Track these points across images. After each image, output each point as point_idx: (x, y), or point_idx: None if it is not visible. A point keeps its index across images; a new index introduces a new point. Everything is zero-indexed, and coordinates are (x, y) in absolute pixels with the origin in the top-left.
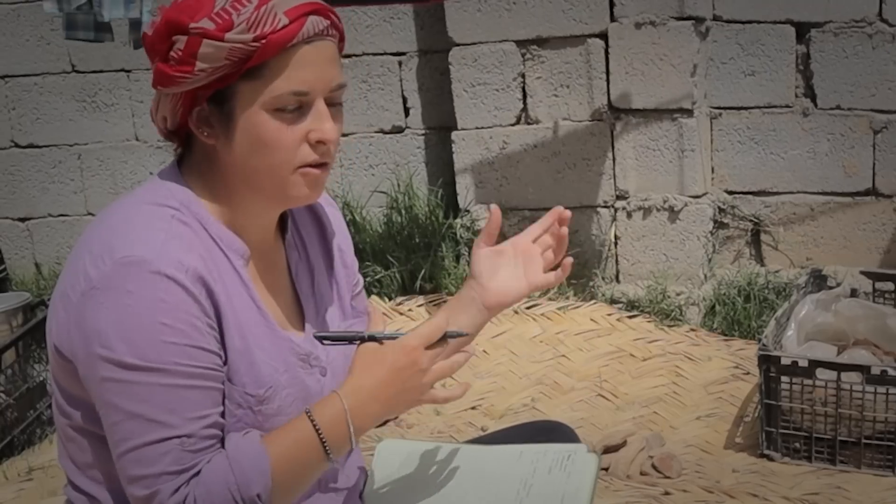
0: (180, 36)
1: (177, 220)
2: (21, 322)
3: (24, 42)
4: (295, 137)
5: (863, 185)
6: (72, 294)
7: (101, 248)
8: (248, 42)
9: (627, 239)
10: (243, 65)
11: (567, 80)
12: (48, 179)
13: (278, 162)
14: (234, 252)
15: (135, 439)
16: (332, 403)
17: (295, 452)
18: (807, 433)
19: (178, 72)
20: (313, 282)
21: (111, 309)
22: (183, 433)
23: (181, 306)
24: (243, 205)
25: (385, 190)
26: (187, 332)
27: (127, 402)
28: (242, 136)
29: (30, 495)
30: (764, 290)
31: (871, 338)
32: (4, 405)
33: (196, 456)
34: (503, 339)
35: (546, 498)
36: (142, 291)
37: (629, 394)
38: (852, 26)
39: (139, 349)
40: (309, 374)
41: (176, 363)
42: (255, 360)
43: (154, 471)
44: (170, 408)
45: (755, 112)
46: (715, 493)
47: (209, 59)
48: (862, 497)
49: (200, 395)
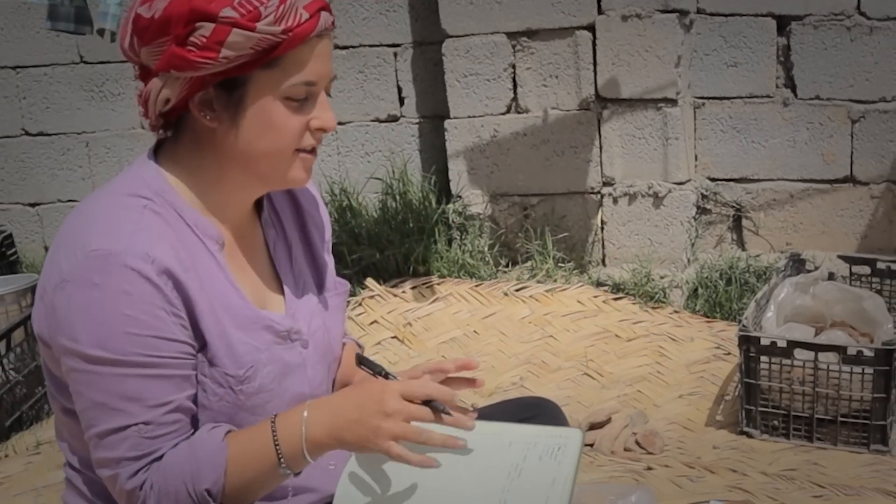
0: (206, 23)
1: (149, 210)
2: (30, 302)
3: (34, 34)
4: (300, 124)
5: (841, 173)
6: (47, 286)
7: (73, 242)
8: (276, 34)
9: (613, 224)
10: (266, 55)
11: (556, 71)
12: (57, 166)
13: (281, 147)
14: (209, 238)
15: (98, 426)
16: (296, 412)
17: (251, 455)
18: (785, 411)
19: (201, 57)
20: (291, 258)
21: (78, 301)
22: (141, 420)
23: (145, 297)
24: (229, 187)
25: (380, 176)
26: (150, 322)
27: (91, 391)
28: (251, 121)
29: (37, 468)
30: (745, 274)
31: (847, 320)
32: (14, 382)
33: (155, 442)
34: (493, 320)
35: (536, 481)
36: (107, 284)
37: (614, 373)
38: (831, 19)
39: (102, 341)
40: (288, 349)
41: (138, 353)
42: (233, 341)
43: (115, 455)
44: (130, 397)
45: (737, 102)
46: (696, 468)
47: (235, 47)
48: (838, 473)
49: (162, 384)
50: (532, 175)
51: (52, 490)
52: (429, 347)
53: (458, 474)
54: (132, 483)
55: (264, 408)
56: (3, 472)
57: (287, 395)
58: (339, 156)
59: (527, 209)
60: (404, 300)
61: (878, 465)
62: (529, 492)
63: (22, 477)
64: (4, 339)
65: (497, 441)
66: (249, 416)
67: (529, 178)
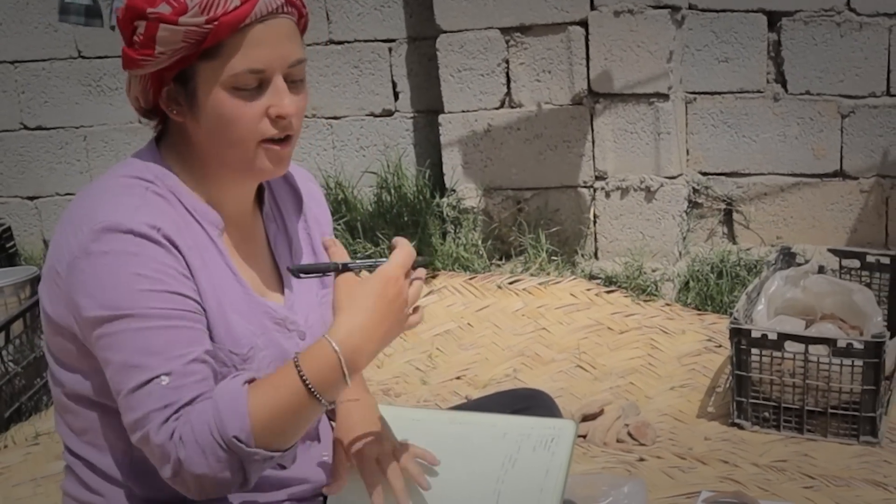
0: (140, 21)
1: (151, 191)
2: (29, 294)
3: (32, 29)
4: (255, 113)
5: (831, 167)
6: (59, 268)
7: (79, 219)
8: (201, 24)
9: (606, 217)
10: (199, 46)
11: (549, 66)
12: (55, 160)
13: (240, 137)
14: (208, 222)
15: (124, 387)
16: (322, 349)
17: (278, 399)
18: (776, 403)
19: (141, 55)
20: (291, 252)
21: (90, 273)
22: (162, 371)
23: (155, 257)
24: (216, 178)
25: (375, 170)
26: (161, 279)
27: (112, 352)
28: (206, 113)
29: (36, 459)
30: (736, 267)
31: (837, 312)
32: (13, 373)
33: (178, 392)
34: (487, 313)
35: (530, 471)
36: (115, 249)
37: (606, 365)
38: (822, 15)
39: (115, 301)
40: (287, 337)
41: (150, 307)
42: (231, 322)
43: (142, 413)
44: (149, 351)
45: (728, 97)
46: (687, 459)
47: (166, 42)
48: (828, 464)
49: (179, 335)
50: (525, 169)
51: (51, 480)
52: (423, 339)
53: (454, 465)
54: (161, 436)
55: None
56: (2, 463)
57: None
58: (335, 150)
59: (520, 203)
60: None
61: (868, 457)
62: (523, 482)
63: (21, 467)
64: (3, 330)
65: (492, 432)
66: None
67: (523, 172)
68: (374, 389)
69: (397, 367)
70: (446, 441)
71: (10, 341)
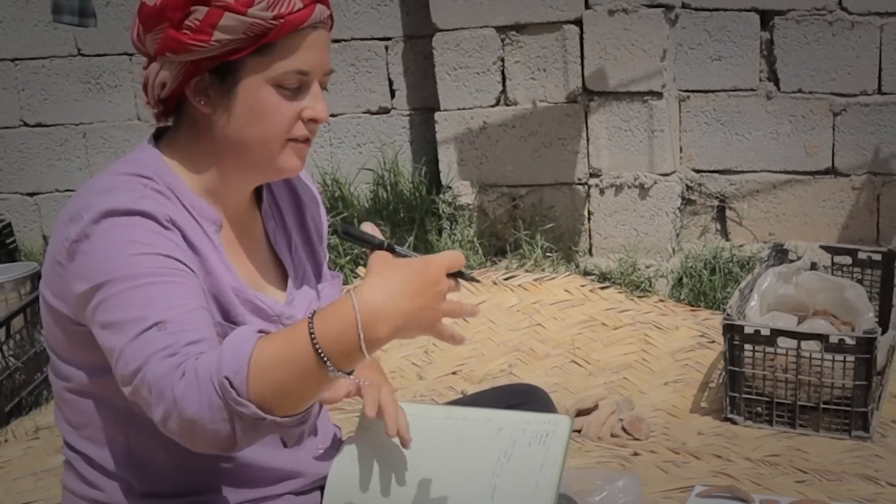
0: (200, 6)
1: (150, 187)
2: (29, 290)
3: (32, 27)
4: (291, 113)
5: (822, 165)
6: (60, 258)
7: (79, 210)
8: (267, 20)
9: (600, 214)
10: (258, 41)
11: (544, 64)
12: (55, 156)
13: (272, 134)
14: (205, 219)
15: (119, 343)
16: (341, 306)
17: (284, 353)
18: (768, 398)
19: (194, 40)
20: (291, 247)
21: (90, 251)
22: (160, 319)
23: (154, 230)
24: (225, 174)
25: (372, 167)
26: (155, 243)
27: (107, 315)
28: (242, 106)
29: (36, 453)
30: (728, 264)
31: (829, 308)
32: (13, 368)
33: (178, 335)
34: (482, 308)
35: (526, 466)
36: (115, 226)
37: (601, 360)
38: (814, 14)
39: (112, 269)
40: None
41: (146, 266)
42: (229, 317)
43: (139, 360)
44: (143, 304)
45: (721, 95)
46: (681, 454)
47: (227, 30)
48: (820, 459)
49: (176, 289)
50: (520, 166)
51: (51, 474)
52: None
53: (450, 460)
54: (160, 369)
55: None
56: (2, 457)
57: None
58: (332, 147)
59: (515, 200)
60: None
61: (860, 451)
62: (519, 477)
63: (21, 461)
64: (4, 326)
65: (487, 427)
66: None
67: (518, 169)
68: None
69: (394, 362)
70: (442, 436)
71: (10, 336)
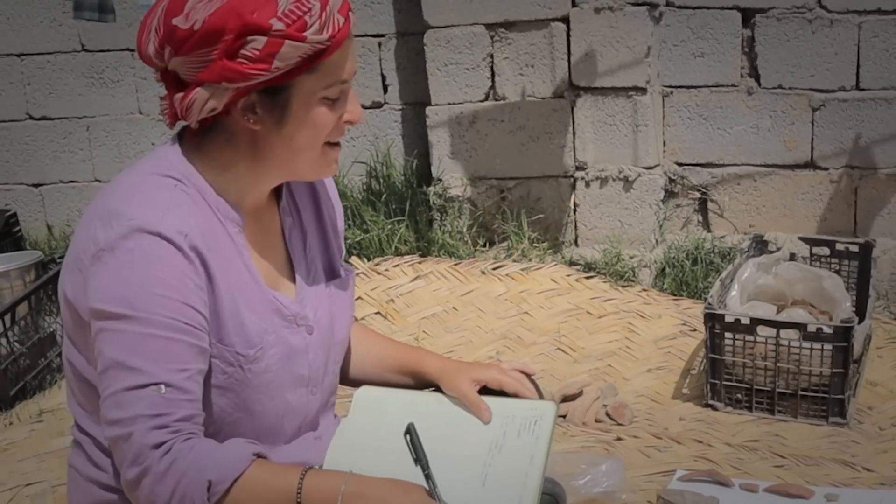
0: (257, 36)
1: (179, 189)
2: (34, 278)
3: (38, 24)
4: (335, 120)
5: (802, 159)
6: (84, 257)
7: (109, 214)
8: (323, 42)
9: (586, 206)
10: (312, 61)
11: (532, 61)
12: (59, 149)
13: (316, 142)
14: (229, 221)
15: (116, 385)
16: (333, 479)
17: (269, 486)
18: (748, 385)
19: (254, 69)
20: (305, 245)
21: (112, 267)
22: (161, 381)
23: (176, 264)
24: (259, 178)
25: (365, 160)
26: (178, 287)
27: (113, 349)
28: (294, 122)
29: (40, 435)
30: (710, 254)
31: (807, 298)
32: (18, 353)
33: (171, 404)
34: (471, 297)
35: (516, 457)
36: (141, 248)
37: (585, 348)
38: (794, 12)
39: (130, 299)
40: (294, 332)
41: (164, 315)
42: (245, 321)
43: (130, 414)
44: (152, 357)
45: (704, 90)
46: (663, 439)
47: (286, 57)
48: (798, 444)
49: (183, 349)
50: (509, 159)
51: (54, 456)
52: (410, 322)
53: (442, 447)
54: (148, 440)
55: (268, 387)
56: (7, 439)
57: (289, 376)
58: None
59: (503, 192)
60: (387, 278)
61: (836, 437)
62: (509, 467)
63: (25, 443)
64: (9, 312)
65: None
66: (254, 393)
67: (506, 162)
68: None
69: None
70: (435, 425)
71: (15, 323)
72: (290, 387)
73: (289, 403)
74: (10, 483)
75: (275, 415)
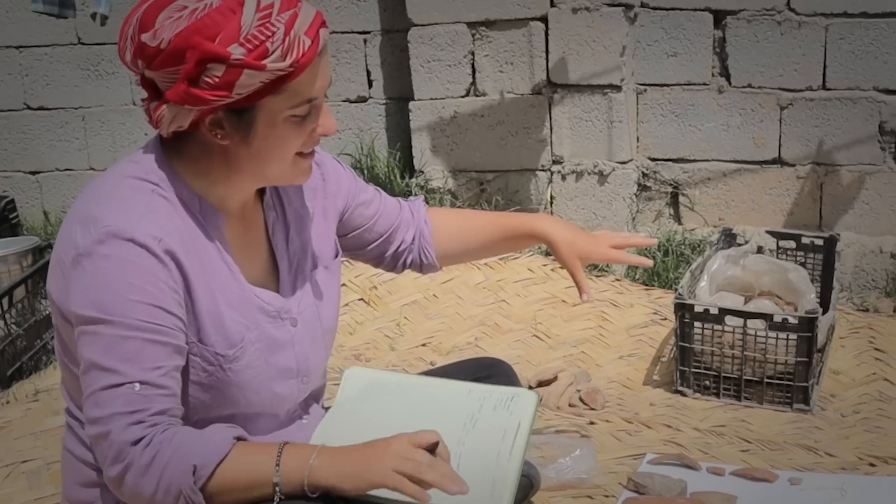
0: (217, 64)
1: (157, 194)
2: (30, 263)
3: (35, 17)
4: (304, 134)
5: (770, 155)
6: (65, 259)
7: (87, 219)
8: (285, 69)
9: (562, 199)
10: (275, 87)
11: (511, 58)
12: (56, 138)
13: (285, 156)
14: (210, 221)
15: (94, 385)
16: (305, 452)
17: (250, 466)
18: (716, 373)
19: (214, 95)
20: (287, 239)
21: (89, 272)
22: (136, 379)
23: (150, 269)
24: (236, 183)
25: (350, 152)
26: (152, 292)
27: (90, 351)
28: (260, 139)
29: (35, 414)
30: (681, 246)
31: (774, 290)
32: (15, 335)
33: (147, 400)
34: (451, 285)
35: (489, 431)
36: (116, 255)
37: (560, 335)
38: (763, 14)
39: (106, 305)
40: (278, 326)
41: (137, 318)
42: (225, 320)
43: (107, 412)
44: (126, 358)
45: (676, 89)
46: (634, 423)
47: (246, 84)
48: (763, 429)
49: (158, 349)
50: (488, 153)
51: (49, 434)
52: (392, 309)
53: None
54: (126, 436)
55: (251, 383)
56: (4, 418)
57: (274, 370)
58: None
59: (483, 184)
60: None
61: (800, 423)
62: (482, 444)
63: (21, 422)
64: (7, 296)
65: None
66: (237, 390)
67: (486, 155)
68: (345, 354)
69: (368, 333)
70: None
71: (12, 305)
72: (277, 380)
73: (278, 395)
74: (7, 460)
75: (263, 406)
